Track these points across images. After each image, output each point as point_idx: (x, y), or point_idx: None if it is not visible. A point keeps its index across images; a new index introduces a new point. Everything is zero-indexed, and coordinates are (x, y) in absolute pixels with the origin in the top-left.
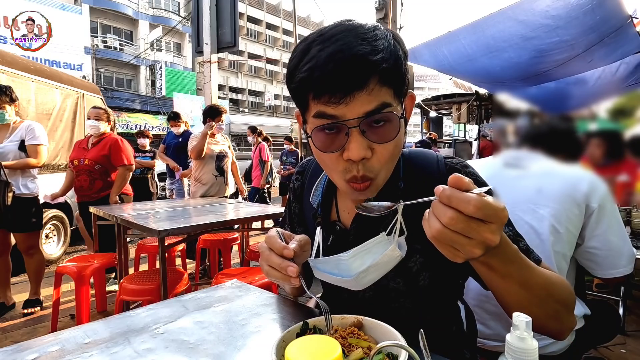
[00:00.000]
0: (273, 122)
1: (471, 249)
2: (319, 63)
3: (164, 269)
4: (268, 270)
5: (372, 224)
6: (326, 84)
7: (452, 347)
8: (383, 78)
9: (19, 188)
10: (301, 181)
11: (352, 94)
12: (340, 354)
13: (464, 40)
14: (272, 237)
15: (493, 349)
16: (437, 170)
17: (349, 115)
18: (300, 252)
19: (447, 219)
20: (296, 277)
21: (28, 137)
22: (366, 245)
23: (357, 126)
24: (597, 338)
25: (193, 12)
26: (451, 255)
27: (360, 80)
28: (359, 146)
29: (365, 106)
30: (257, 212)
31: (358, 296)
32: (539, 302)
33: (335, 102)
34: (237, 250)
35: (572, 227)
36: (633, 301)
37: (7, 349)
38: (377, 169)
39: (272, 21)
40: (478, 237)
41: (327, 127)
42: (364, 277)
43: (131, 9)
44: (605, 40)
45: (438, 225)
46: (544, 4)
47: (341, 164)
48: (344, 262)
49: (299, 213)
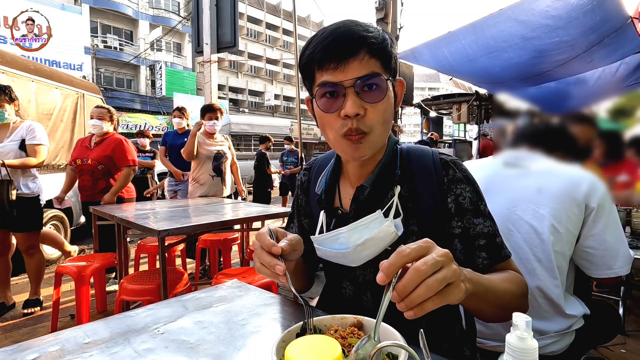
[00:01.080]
0: (273, 122)
1: (451, 274)
2: (322, 39)
3: (164, 269)
4: (259, 267)
5: (370, 207)
6: (326, 53)
7: (451, 346)
8: (372, 51)
9: (20, 188)
10: (308, 176)
11: (347, 60)
12: (340, 354)
13: (464, 41)
14: (262, 234)
15: (493, 348)
16: (432, 162)
17: (344, 79)
18: (290, 250)
19: (416, 272)
20: (283, 275)
21: (29, 137)
22: (364, 221)
23: (352, 86)
24: (597, 338)
25: (193, 12)
26: (445, 298)
27: (352, 49)
28: (353, 103)
29: (358, 72)
30: (257, 212)
31: (359, 297)
32: (500, 306)
33: (334, 68)
34: (237, 250)
35: (571, 227)
36: (633, 301)
37: (7, 349)
38: (369, 125)
39: (272, 21)
40: (442, 259)
41: (328, 92)
42: (361, 250)
43: (131, 9)
44: (605, 41)
45: (422, 287)
46: (544, 5)
47: (340, 121)
48: (343, 235)
49: (305, 205)
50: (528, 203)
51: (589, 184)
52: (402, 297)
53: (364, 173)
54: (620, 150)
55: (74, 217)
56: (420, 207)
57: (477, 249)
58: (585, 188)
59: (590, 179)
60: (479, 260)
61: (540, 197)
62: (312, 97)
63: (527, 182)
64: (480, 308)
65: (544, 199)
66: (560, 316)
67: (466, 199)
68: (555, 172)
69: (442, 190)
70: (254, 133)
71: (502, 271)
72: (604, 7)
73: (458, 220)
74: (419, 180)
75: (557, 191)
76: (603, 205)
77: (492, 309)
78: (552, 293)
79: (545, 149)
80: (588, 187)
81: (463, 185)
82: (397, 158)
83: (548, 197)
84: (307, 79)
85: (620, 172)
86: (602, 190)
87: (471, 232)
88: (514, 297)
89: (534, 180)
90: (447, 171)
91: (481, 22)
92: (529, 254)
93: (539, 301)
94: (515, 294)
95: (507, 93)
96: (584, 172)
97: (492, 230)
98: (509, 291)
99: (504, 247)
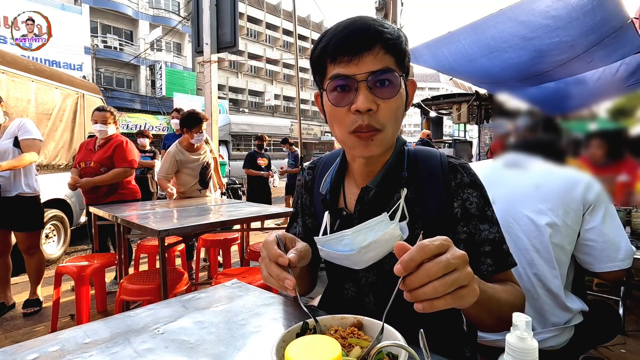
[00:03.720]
0: (273, 122)
1: (464, 277)
2: (336, 33)
3: (164, 269)
4: (267, 277)
5: (375, 208)
6: (340, 46)
7: (452, 346)
8: (387, 46)
9: (21, 187)
10: (312, 175)
11: (361, 54)
12: (340, 354)
13: (464, 41)
14: (269, 242)
15: (493, 343)
16: (439, 165)
17: (358, 72)
18: (298, 261)
19: (426, 272)
20: (292, 290)
21: (21, 133)
22: (369, 223)
23: (364, 80)
24: (598, 338)
25: (193, 12)
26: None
27: (367, 43)
28: (365, 98)
29: (372, 66)
30: (257, 212)
31: (361, 299)
32: (499, 316)
33: (348, 61)
34: (237, 250)
35: (570, 222)
36: (633, 301)
37: (7, 349)
38: (382, 122)
39: (272, 21)
40: (455, 262)
41: (340, 86)
42: (365, 252)
43: (131, 9)
44: (605, 41)
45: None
46: (544, 5)
47: (350, 116)
48: (348, 237)
49: (309, 205)
50: (527, 198)
51: (586, 183)
52: (409, 290)
53: (370, 173)
54: (621, 151)
55: (74, 217)
56: (426, 210)
57: (482, 255)
58: (582, 187)
59: (586, 179)
60: (483, 267)
61: (539, 193)
62: (322, 90)
63: (527, 179)
64: (480, 316)
65: (542, 195)
66: (560, 308)
67: (473, 204)
68: (553, 172)
69: (448, 194)
70: (253, 133)
71: (503, 282)
72: (604, 8)
73: (464, 225)
74: (425, 183)
75: (555, 189)
76: (600, 200)
77: (492, 319)
78: (551, 283)
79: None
80: (585, 186)
81: (470, 190)
82: (404, 159)
83: (546, 193)
84: (318, 73)
85: (620, 172)
86: (598, 188)
87: (477, 238)
88: (513, 309)
89: (534, 177)
90: (455, 175)
91: (481, 23)
92: (527, 244)
93: (539, 291)
94: (515, 306)
95: (508, 93)
96: (580, 173)
97: (499, 237)
98: (508, 303)
99: (510, 255)
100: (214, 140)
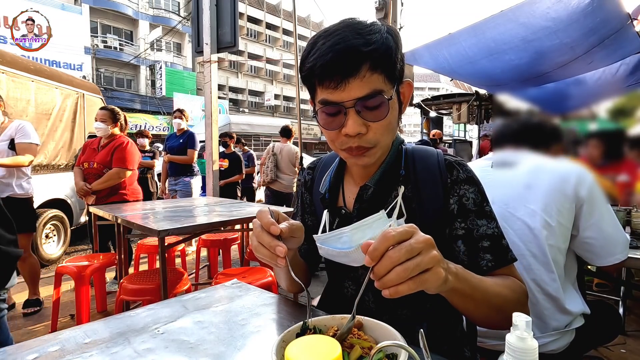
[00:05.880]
0: (273, 122)
1: (427, 261)
2: (321, 54)
3: (164, 269)
4: (257, 247)
5: (373, 206)
6: (326, 72)
7: (452, 346)
8: (373, 65)
9: (13, 188)
10: (312, 175)
11: (347, 79)
12: (340, 354)
13: (464, 43)
14: (263, 211)
15: (493, 347)
16: (436, 163)
17: (346, 99)
18: (289, 233)
19: (389, 259)
20: (283, 258)
21: (18, 136)
22: (367, 221)
23: (352, 107)
24: (598, 338)
25: (193, 12)
26: (422, 283)
27: (353, 67)
28: (354, 123)
29: (359, 92)
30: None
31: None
32: (490, 308)
33: (334, 86)
34: (237, 250)
35: (563, 220)
36: (633, 301)
37: (7, 349)
38: (373, 141)
39: (272, 21)
40: (419, 246)
41: (328, 112)
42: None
43: (131, 9)
44: (605, 42)
45: (392, 273)
46: (544, 7)
47: (341, 137)
48: (346, 234)
49: (309, 203)
50: (519, 200)
51: (577, 176)
52: (377, 278)
53: (368, 173)
54: (621, 151)
55: (74, 217)
56: (424, 207)
57: (480, 251)
58: (573, 180)
59: (577, 170)
60: (483, 262)
61: (530, 194)
62: (313, 107)
63: (517, 180)
64: (467, 307)
65: (534, 195)
66: (560, 312)
67: (470, 199)
68: (543, 169)
69: (445, 191)
70: (253, 133)
71: (502, 276)
72: (603, 9)
73: (461, 221)
74: (423, 181)
75: (546, 187)
76: (593, 194)
77: (482, 310)
78: (549, 287)
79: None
80: (576, 179)
81: (467, 186)
82: (401, 158)
83: (538, 193)
84: (308, 88)
85: (620, 172)
86: (589, 182)
87: (475, 234)
88: (507, 302)
89: (523, 178)
90: (451, 172)
91: (481, 24)
92: (523, 249)
93: (538, 297)
94: (509, 300)
95: (508, 94)
96: (571, 165)
97: (498, 233)
98: (501, 295)
99: (509, 250)
100: (214, 140)
